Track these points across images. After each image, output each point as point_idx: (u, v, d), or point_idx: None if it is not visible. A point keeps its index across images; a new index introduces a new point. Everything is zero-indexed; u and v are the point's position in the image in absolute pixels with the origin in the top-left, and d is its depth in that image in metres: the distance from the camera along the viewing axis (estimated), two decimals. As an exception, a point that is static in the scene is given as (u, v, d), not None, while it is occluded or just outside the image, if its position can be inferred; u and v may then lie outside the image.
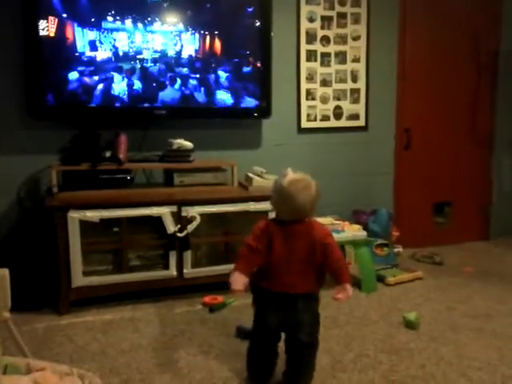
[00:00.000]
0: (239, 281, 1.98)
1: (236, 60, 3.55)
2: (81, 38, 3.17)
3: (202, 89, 3.49)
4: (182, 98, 3.44)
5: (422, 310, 2.98)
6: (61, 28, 3.12)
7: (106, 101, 3.28)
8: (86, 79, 3.22)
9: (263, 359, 2.16)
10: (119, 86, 3.29)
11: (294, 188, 2.02)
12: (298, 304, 2.04)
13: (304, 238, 2.05)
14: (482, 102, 4.48)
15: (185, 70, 3.43)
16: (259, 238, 2.04)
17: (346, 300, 2.03)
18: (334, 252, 2.05)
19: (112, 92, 3.28)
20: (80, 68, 3.19)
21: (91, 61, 3.21)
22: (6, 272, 2.08)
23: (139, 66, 3.32)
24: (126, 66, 3.29)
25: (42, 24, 3.07)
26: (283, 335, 2.16)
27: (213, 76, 3.50)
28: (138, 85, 3.33)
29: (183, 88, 3.43)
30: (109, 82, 3.27)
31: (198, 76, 3.46)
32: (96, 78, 3.23)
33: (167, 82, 3.39)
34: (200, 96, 3.49)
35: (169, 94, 3.40)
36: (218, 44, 3.49)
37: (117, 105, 3.31)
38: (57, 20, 3.10)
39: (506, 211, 4.66)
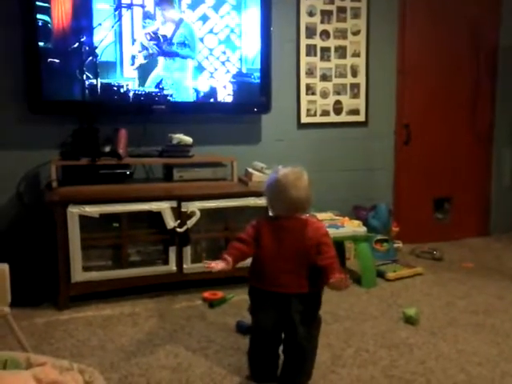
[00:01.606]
0: (217, 262, 2.01)
1: (236, 55, 3.54)
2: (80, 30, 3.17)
3: (202, 84, 3.48)
4: (182, 93, 3.44)
5: (421, 306, 2.99)
6: (59, 19, 3.11)
7: (105, 95, 3.27)
8: (86, 73, 3.21)
9: (263, 361, 2.14)
10: (119, 80, 3.29)
11: (286, 180, 2.02)
12: (292, 304, 2.01)
13: (294, 234, 2.03)
14: (482, 97, 4.47)
15: (183, 64, 3.42)
16: (247, 230, 2.09)
17: (345, 286, 1.94)
18: (329, 250, 2.01)
19: (111, 86, 3.27)
20: (79, 61, 3.18)
21: (90, 54, 3.20)
22: (5, 267, 2.09)
23: (138, 59, 3.31)
24: (126, 60, 3.29)
25: (41, 15, 3.07)
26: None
27: (213, 71, 3.49)
28: (137, 79, 3.33)
29: (184, 83, 3.43)
30: (108, 75, 3.26)
31: (197, 70, 3.46)
32: (96, 72, 3.23)
33: (166, 75, 3.39)
34: (199, 91, 3.48)
35: (168, 88, 3.40)
36: (217, 38, 3.48)
37: (116, 99, 3.30)
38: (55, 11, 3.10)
39: (506, 207, 4.65)
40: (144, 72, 3.34)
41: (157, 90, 3.37)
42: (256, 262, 2.08)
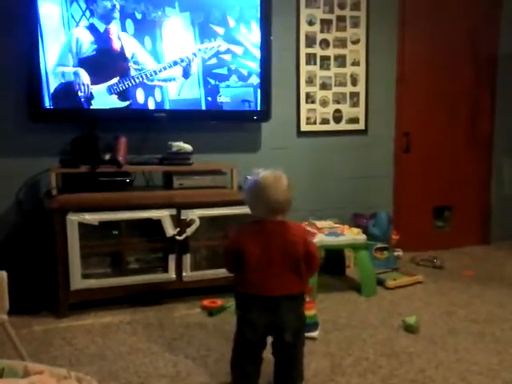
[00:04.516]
0: None
1: (236, 63, 3.55)
2: (82, 39, 3.18)
3: (202, 92, 3.49)
4: (182, 101, 3.45)
5: (421, 314, 2.97)
6: (61, 28, 3.13)
7: (105, 103, 3.28)
8: (86, 81, 3.22)
9: (249, 367, 2.10)
10: (119, 88, 3.30)
11: (266, 182, 2.04)
12: (281, 306, 2.01)
13: (278, 236, 2.04)
14: (482, 105, 4.48)
15: (184, 74, 3.43)
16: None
17: None
18: (314, 263, 2.11)
19: (111, 94, 3.28)
20: (80, 70, 3.20)
21: (92, 62, 3.22)
22: (3, 274, 2.08)
23: (140, 68, 3.33)
24: (126, 68, 3.30)
25: (43, 23, 3.08)
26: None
27: (213, 79, 3.51)
28: (136, 87, 3.34)
29: (183, 91, 3.44)
30: (108, 83, 3.27)
31: (197, 79, 3.47)
32: (96, 79, 3.24)
33: (167, 85, 3.40)
34: (200, 99, 3.49)
35: (169, 96, 3.41)
36: (217, 47, 3.50)
37: (116, 107, 3.31)
38: (58, 18, 3.12)
39: (506, 215, 4.65)
40: (144, 79, 3.35)
41: (157, 97, 3.38)
42: (244, 269, 2.06)
